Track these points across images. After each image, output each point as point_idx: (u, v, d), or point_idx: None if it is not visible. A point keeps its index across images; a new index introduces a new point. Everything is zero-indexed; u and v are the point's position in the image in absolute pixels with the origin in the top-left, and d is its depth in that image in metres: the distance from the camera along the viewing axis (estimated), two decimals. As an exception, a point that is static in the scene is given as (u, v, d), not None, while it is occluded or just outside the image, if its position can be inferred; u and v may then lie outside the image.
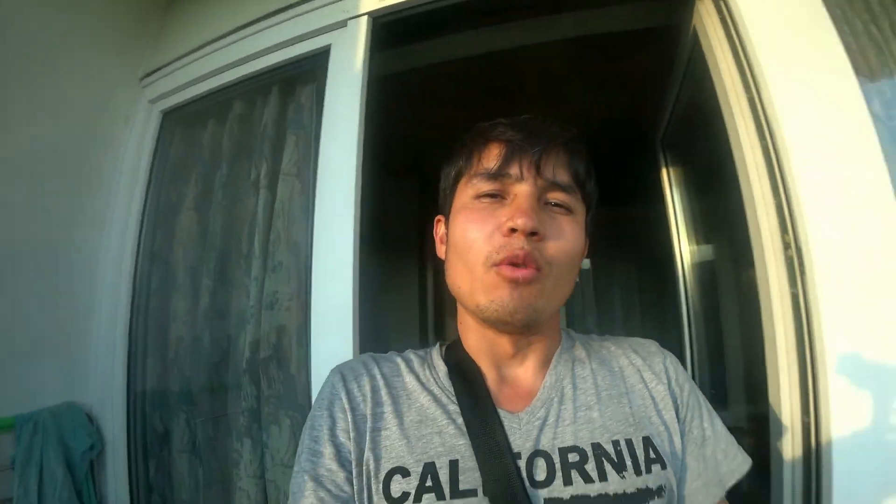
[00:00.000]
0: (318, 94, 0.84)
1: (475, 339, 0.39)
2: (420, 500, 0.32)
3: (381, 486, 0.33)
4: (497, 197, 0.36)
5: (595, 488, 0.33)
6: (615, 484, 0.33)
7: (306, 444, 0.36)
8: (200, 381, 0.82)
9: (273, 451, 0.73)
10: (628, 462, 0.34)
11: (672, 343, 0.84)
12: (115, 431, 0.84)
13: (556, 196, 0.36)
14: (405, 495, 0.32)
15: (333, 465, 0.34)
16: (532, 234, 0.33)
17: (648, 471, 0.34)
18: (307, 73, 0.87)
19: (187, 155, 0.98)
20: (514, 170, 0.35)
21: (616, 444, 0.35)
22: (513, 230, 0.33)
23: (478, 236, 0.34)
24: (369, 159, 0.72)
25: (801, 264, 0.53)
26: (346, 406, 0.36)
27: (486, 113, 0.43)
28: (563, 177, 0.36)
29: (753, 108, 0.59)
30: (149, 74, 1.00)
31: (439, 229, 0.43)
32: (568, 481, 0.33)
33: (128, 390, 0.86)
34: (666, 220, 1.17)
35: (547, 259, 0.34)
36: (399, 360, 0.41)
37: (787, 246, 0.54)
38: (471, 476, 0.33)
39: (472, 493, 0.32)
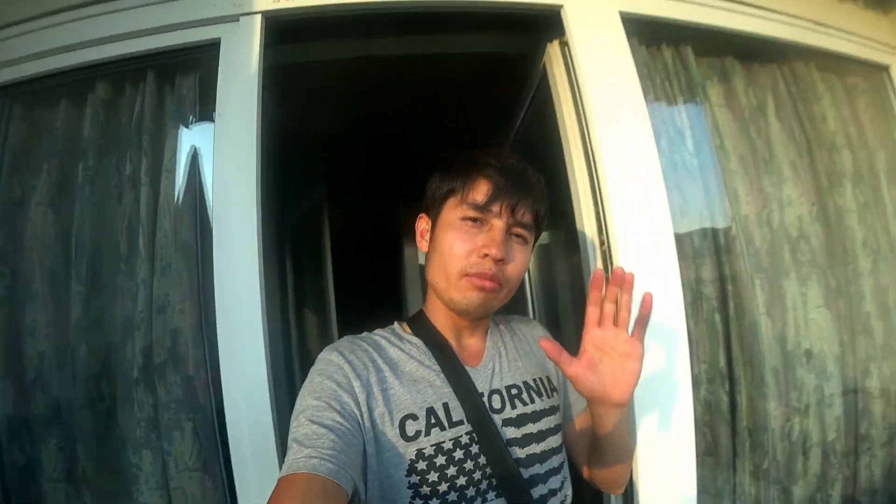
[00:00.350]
0: (202, 87, 0.81)
1: (442, 318, 0.53)
2: (429, 434, 0.45)
3: (397, 430, 0.44)
4: (478, 222, 0.48)
5: (528, 408, 0.52)
6: (538, 404, 0.53)
7: (309, 402, 0.42)
8: (76, 398, 0.74)
9: (177, 457, 0.72)
10: (542, 391, 0.55)
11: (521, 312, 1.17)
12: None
13: (519, 231, 0.50)
14: (418, 433, 0.45)
15: (338, 417, 0.41)
16: (499, 260, 0.47)
17: (550, 395, 0.55)
18: (187, 63, 0.81)
19: (34, 140, 0.83)
20: (495, 207, 0.48)
21: (534, 380, 0.55)
22: (486, 255, 0.47)
23: (460, 252, 0.48)
24: (268, 157, 0.74)
25: (611, 255, 0.76)
26: (351, 374, 0.45)
27: (370, 115, 0.53)
28: (527, 218, 0.50)
29: (583, 140, 0.80)
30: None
31: (421, 224, 0.55)
32: (513, 406, 0.51)
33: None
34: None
35: (506, 277, 0.49)
36: (377, 338, 0.52)
37: (602, 243, 0.77)
38: (457, 411, 0.47)
39: (460, 422, 0.47)
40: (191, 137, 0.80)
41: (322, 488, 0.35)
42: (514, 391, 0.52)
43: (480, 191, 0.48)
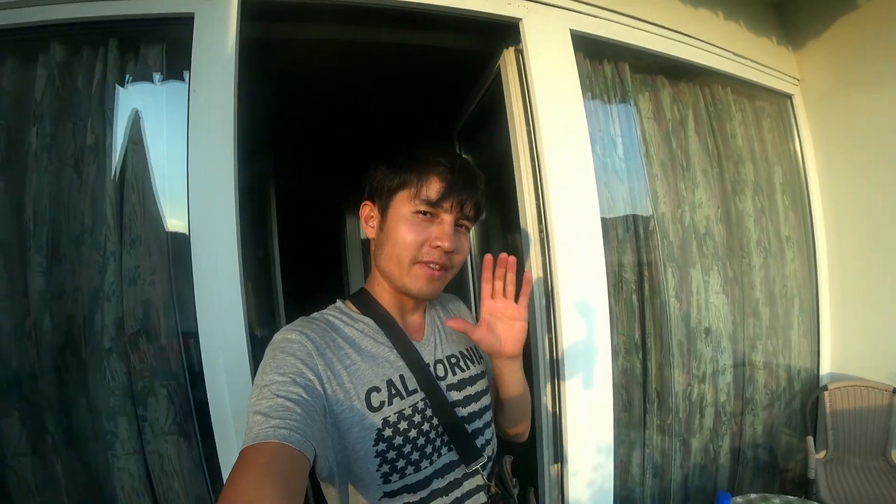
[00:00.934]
0: (169, 58, 0.87)
1: (388, 297, 0.61)
2: (392, 403, 0.54)
3: (363, 402, 0.52)
4: (428, 215, 0.57)
5: (466, 374, 0.63)
6: (472, 370, 0.65)
7: (273, 378, 0.46)
8: (40, 370, 0.79)
9: (152, 422, 0.81)
10: (473, 358, 0.67)
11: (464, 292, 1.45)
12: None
13: (463, 222, 0.60)
14: (382, 403, 0.53)
15: (304, 393, 0.46)
16: (449, 251, 0.57)
17: (479, 363, 0.68)
18: (152, 33, 0.88)
19: (-26, 101, 0.84)
20: (446, 204, 0.57)
21: (467, 350, 0.67)
22: (438, 246, 0.56)
23: (413, 243, 0.56)
24: (244, 137, 0.83)
25: (548, 243, 0.96)
26: (314, 352, 0.51)
27: (324, 95, 0.62)
28: (471, 211, 0.60)
29: (529, 137, 0.99)
30: None
31: (366, 211, 0.62)
32: (454, 373, 0.62)
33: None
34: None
35: (453, 263, 0.59)
36: (330, 318, 0.58)
37: (541, 231, 0.97)
38: (411, 381, 0.57)
39: (415, 390, 0.56)
40: (158, 108, 0.86)
41: (289, 455, 0.39)
42: (452, 360, 0.63)
43: (433, 188, 0.56)
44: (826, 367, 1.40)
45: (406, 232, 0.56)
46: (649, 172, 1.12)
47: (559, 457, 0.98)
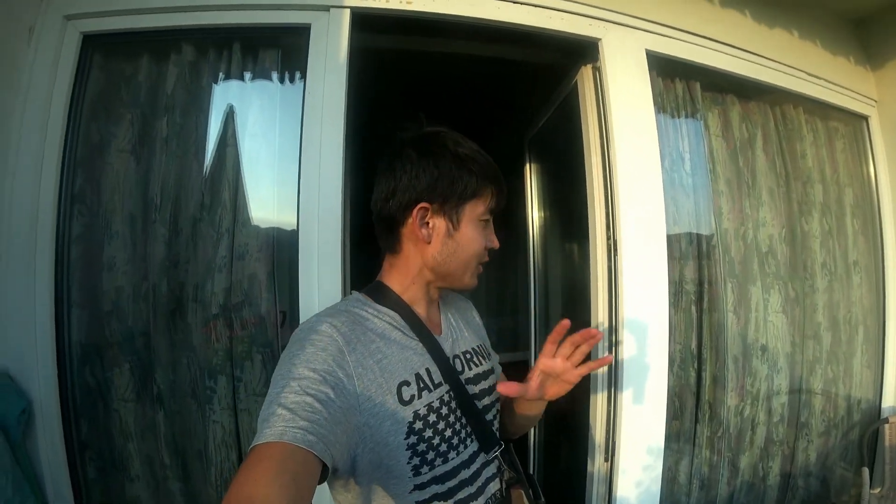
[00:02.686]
0: (284, 63, 1.16)
1: (412, 293, 0.70)
2: (421, 396, 0.62)
3: (395, 396, 0.59)
4: (486, 222, 0.70)
5: (480, 369, 0.74)
6: (484, 365, 0.76)
7: (303, 372, 0.52)
8: (153, 329, 1.08)
9: (246, 383, 1.08)
10: (485, 354, 0.79)
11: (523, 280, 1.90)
12: (42, 391, 1.01)
13: None
14: (412, 397, 0.61)
15: (332, 394, 0.52)
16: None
17: (488, 359, 0.80)
18: (271, 39, 1.17)
19: (117, 91, 1.14)
20: (495, 210, 0.71)
21: (478, 346, 0.79)
22: (492, 248, 0.71)
23: (481, 247, 0.69)
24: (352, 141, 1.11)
25: (616, 249, 1.20)
26: (346, 347, 0.57)
27: (421, 103, 0.84)
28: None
29: (602, 150, 1.24)
30: (59, -17, 1.09)
31: (421, 214, 0.65)
32: (470, 368, 0.73)
33: (56, 345, 1.04)
34: (524, 195, 2.14)
35: None
36: (357, 311, 0.65)
37: (608, 237, 1.21)
38: (436, 374, 0.66)
39: (440, 383, 0.65)
40: (273, 106, 1.14)
41: (313, 467, 0.45)
42: (468, 355, 0.74)
43: (495, 198, 0.70)
44: (889, 400, 1.58)
45: (478, 239, 0.68)
46: (714, 189, 1.33)
47: (610, 454, 1.21)
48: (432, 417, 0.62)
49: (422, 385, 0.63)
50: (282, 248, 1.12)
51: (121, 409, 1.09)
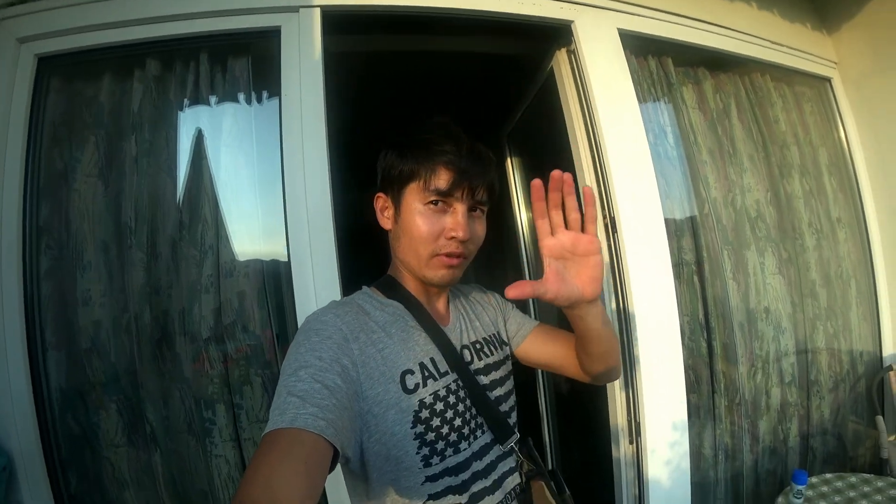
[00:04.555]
0: (256, 70, 1.12)
1: (413, 284, 0.69)
2: (426, 385, 0.61)
3: (398, 385, 0.58)
4: (441, 205, 0.63)
5: (491, 359, 0.72)
6: (496, 355, 0.74)
7: (310, 360, 0.52)
8: (139, 363, 1.00)
9: (247, 410, 1.01)
10: (496, 344, 0.76)
11: (516, 279, 1.76)
12: (23, 444, 0.93)
13: (478, 207, 0.66)
14: (417, 385, 0.60)
15: (339, 381, 0.52)
16: (465, 240, 0.63)
17: (502, 349, 0.77)
18: (239, 46, 1.13)
19: (79, 113, 1.07)
20: (457, 193, 0.62)
21: (491, 336, 0.76)
22: (453, 237, 0.63)
23: (428, 236, 0.63)
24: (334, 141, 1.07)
25: (615, 227, 1.20)
26: (350, 336, 0.58)
27: (392, 105, 0.82)
28: (484, 195, 0.65)
29: (588, 131, 1.24)
30: (9, 4, 1.03)
31: (380, 203, 0.69)
32: (479, 358, 0.71)
33: (34, 392, 0.95)
34: (508, 192, 2.13)
35: (469, 251, 0.66)
36: (361, 302, 0.66)
37: (605, 216, 1.21)
38: (442, 364, 0.65)
39: (447, 372, 0.64)
40: (247, 115, 1.10)
41: (325, 451, 0.45)
42: (477, 346, 0.72)
43: (442, 178, 0.62)
44: (889, 348, 1.61)
45: (421, 225, 0.63)
46: (698, 159, 1.35)
47: (635, 435, 1.19)
48: (439, 406, 0.61)
49: (426, 373, 0.62)
50: (271, 261, 1.07)
51: (112, 456, 1.01)
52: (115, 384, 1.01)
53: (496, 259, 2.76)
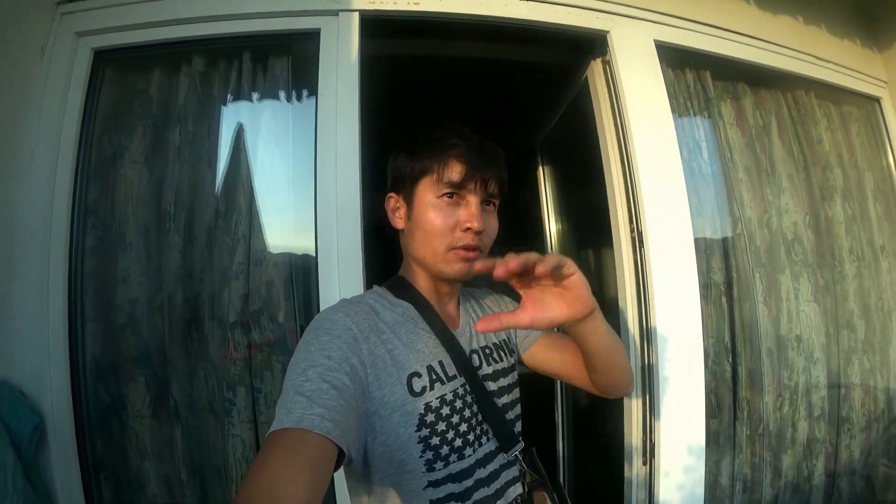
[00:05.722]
0: (295, 70, 1.17)
1: (425, 285, 0.69)
2: (433, 388, 0.60)
3: (405, 388, 0.58)
4: (454, 198, 0.64)
5: (499, 366, 0.72)
6: (504, 362, 0.74)
7: (319, 359, 0.52)
8: (168, 341, 1.05)
9: (266, 394, 1.05)
10: (506, 350, 0.75)
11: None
12: (56, 407, 0.98)
13: (490, 200, 0.67)
14: (424, 388, 0.60)
15: (347, 381, 0.52)
16: (479, 231, 0.63)
17: (511, 355, 0.77)
18: (281, 46, 1.17)
19: (129, 104, 1.14)
20: (469, 185, 0.63)
21: (500, 342, 0.75)
22: (468, 229, 0.63)
23: (443, 227, 0.63)
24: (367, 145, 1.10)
25: (641, 242, 1.17)
26: (360, 336, 0.58)
27: (427, 111, 0.82)
28: (496, 189, 0.66)
29: (619, 143, 1.23)
30: (69, 0, 1.11)
31: (391, 203, 0.70)
32: (489, 363, 0.70)
33: (70, 361, 1.01)
34: (538, 201, 2.12)
35: (484, 244, 0.66)
36: (371, 302, 0.65)
37: (632, 230, 1.19)
38: (450, 367, 0.64)
39: (455, 376, 0.64)
40: (285, 112, 1.14)
41: (330, 452, 0.45)
42: (487, 351, 0.72)
43: (455, 170, 0.63)
44: (931, 390, 1.53)
45: (434, 218, 0.63)
46: (734, 177, 1.30)
47: (649, 456, 1.16)
48: (445, 410, 0.61)
49: (434, 377, 0.62)
50: (300, 254, 1.10)
51: (136, 426, 1.06)
52: (145, 359, 1.06)
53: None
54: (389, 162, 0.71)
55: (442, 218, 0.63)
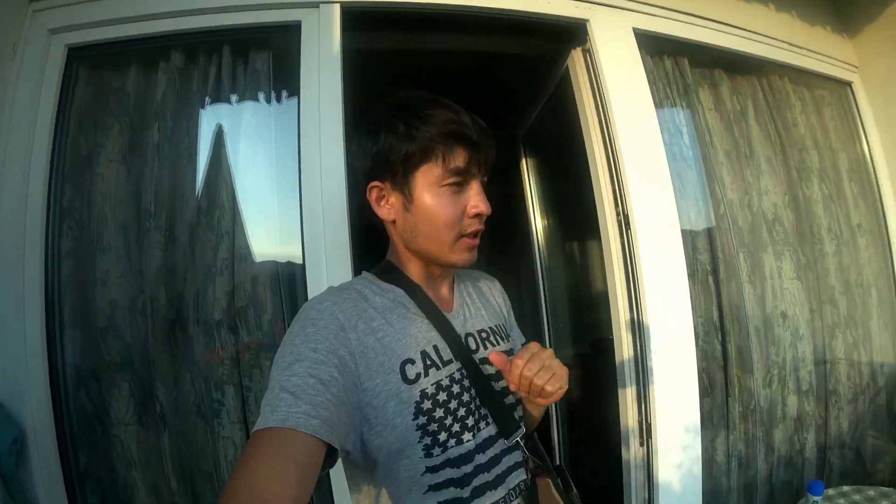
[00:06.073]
0: (277, 63, 1.15)
1: (416, 270, 0.67)
2: (428, 374, 0.58)
3: (398, 376, 0.56)
4: (458, 185, 0.60)
5: (495, 349, 0.69)
6: (501, 346, 0.71)
7: (305, 353, 0.50)
8: (152, 343, 1.02)
9: (256, 393, 1.02)
10: (502, 334, 0.73)
11: (529, 285, 1.80)
12: (37, 417, 0.95)
13: (485, 179, 0.65)
14: (418, 375, 0.58)
15: (336, 373, 0.51)
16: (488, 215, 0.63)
17: (506, 340, 0.74)
18: (260, 40, 1.16)
19: (104, 101, 1.11)
20: (474, 168, 0.61)
21: (496, 326, 0.73)
22: (477, 215, 0.61)
23: (453, 218, 0.60)
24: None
25: (628, 223, 1.19)
26: (348, 325, 0.56)
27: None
28: (490, 169, 0.65)
29: (602, 129, 1.24)
30: (40, -4, 1.08)
31: (375, 193, 0.64)
32: (485, 347, 0.68)
33: (49, 368, 0.98)
34: (523, 194, 2.15)
35: (483, 225, 0.64)
36: (360, 288, 0.63)
37: (618, 213, 1.20)
38: (445, 351, 0.62)
39: (450, 360, 0.62)
40: (266, 107, 1.13)
41: (317, 451, 0.45)
42: (483, 335, 0.69)
43: (460, 156, 0.59)
44: (912, 361, 1.58)
45: (443, 208, 0.60)
46: (714, 160, 1.33)
47: (645, 437, 1.16)
48: (442, 396, 0.59)
49: (428, 363, 0.59)
50: (285, 249, 1.08)
51: (122, 434, 1.02)
52: (128, 363, 1.03)
53: (510, 264, 2.76)
54: (363, 141, 0.64)
55: (451, 208, 0.60)
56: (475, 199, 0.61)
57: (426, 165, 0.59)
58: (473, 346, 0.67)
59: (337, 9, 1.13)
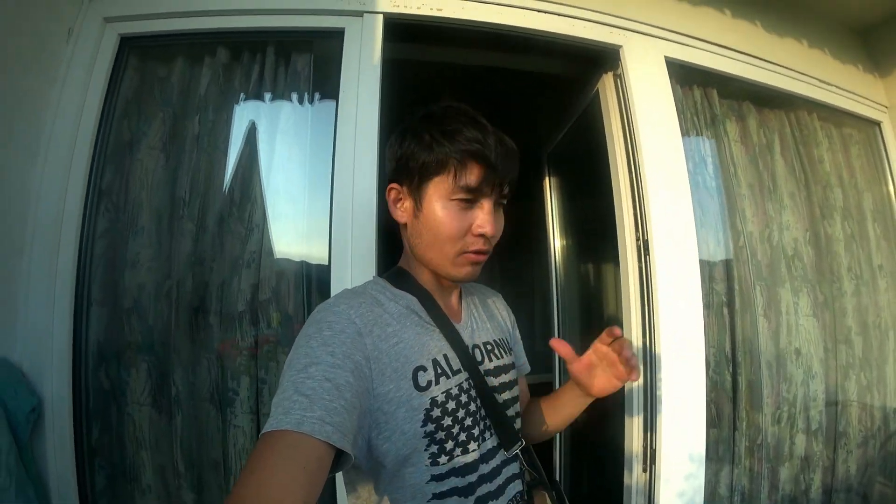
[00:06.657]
0: (317, 67, 1.19)
1: (427, 278, 0.68)
2: (438, 382, 0.59)
3: (410, 382, 0.57)
4: (468, 202, 0.61)
5: (501, 362, 0.71)
6: (505, 359, 0.73)
7: (321, 356, 0.51)
8: (174, 328, 1.05)
9: (271, 385, 1.05)
10: (506, 348, 0.75)
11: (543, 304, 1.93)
12: (55, 390, 0.98)
13: (501, 201, 0.65)
14: (429, 383, 0.59)
15: (351, 378, 0.51)
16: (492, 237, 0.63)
17: (509, 354, 0.76)
18: (303, 43, 1.20)
19: (150, 90, 1.16)
20: (486, 189, 0.61)
21: (500, 339, 0.75)
22: (481, 235, 0.61)
23: (456, 233, 0.61)
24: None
25: (647, 249, 1.20)
26: (364, 329, 0.56)
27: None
28: (508, 190, 0.64)
29: (628, 154, 1.26)
30: (99, -15, 1.13)
31: (393, 195, 0.66)
32: (490, 359, 0.70)
33: (73, 343, 1.01)
34: (544, 212, 2.18)
35: (492, 245, 0.65)
36: (375, 293, 0.64)
37: (638, 238, 1.21)
38: (454, 361, 0.63)
39: (459, 370, 0.63)
40: (304, 109, 1.17)
41: (327, 457, 0.45)
42: (488, 347, 0.71)
43: (473, 174, 0.59)
44: (926, 410, 1.56)
45: (448, 221, 0.60)
46: (737, 192, 1.34)
47: (649, 463, 1.16)
48: (451, 405, 0.60)
49: (439, 371, 0.60)
50: (312, 246, 1.12)
51: (135, 414, 1.05)
52: (149, 345, 1.06)
53: (525, 289, 2.76)
54: (392, 144, 0.66)
55: (456, 222, 0.60)
56: (482, 219, 0.61)
57: (439, 177, 0.61)
58: (479, 358, 0.68)
59: (380, 19, 1.17)
